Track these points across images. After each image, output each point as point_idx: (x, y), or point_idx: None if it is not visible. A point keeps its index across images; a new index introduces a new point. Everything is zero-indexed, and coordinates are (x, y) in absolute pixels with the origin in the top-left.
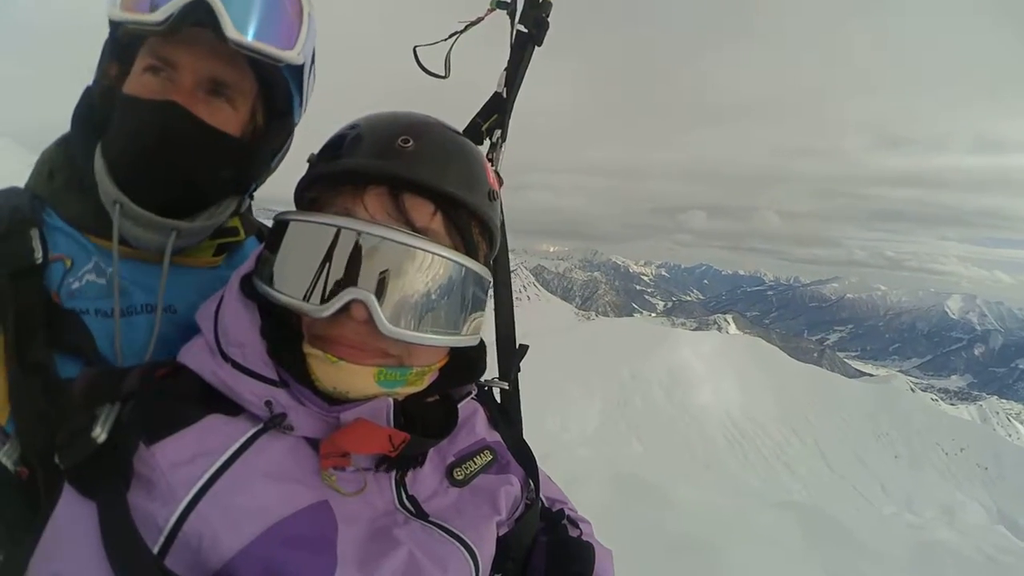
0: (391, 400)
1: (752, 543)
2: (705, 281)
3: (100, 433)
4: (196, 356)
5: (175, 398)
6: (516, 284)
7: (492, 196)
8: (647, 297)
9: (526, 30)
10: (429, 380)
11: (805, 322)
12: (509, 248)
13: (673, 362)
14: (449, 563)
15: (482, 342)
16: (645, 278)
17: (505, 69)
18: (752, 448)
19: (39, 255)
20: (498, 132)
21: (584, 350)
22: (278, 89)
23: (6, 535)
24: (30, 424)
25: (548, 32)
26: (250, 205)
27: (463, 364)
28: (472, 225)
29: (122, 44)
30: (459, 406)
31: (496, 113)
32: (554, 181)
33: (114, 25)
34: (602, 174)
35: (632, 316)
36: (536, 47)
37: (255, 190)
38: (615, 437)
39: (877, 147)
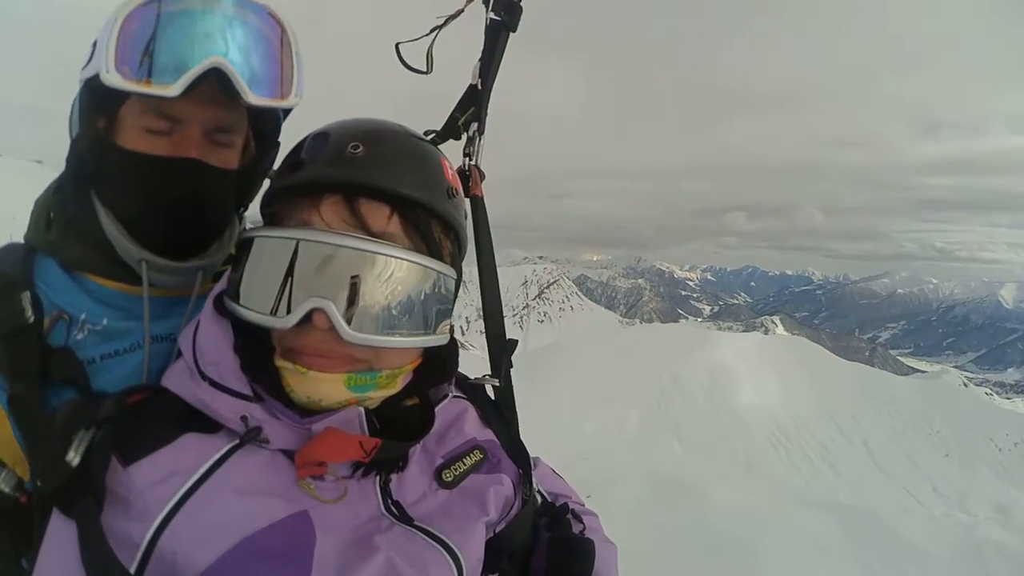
0: (362, 409)
1: (791, 543)
2: (752, 283)
3: (74, 457)
4: (176, 378)
5: (152, 420)
6: (559, 295)
7: (451, 194)
8: (693, 302)
9: (499, 18)
10: (402, 382)
11: (856, 320)
12: (551, 258)
13: (713, 364)
14: (430, 567)
15: (454, 340)
16: (690, 283)
17: (479, 60)
18: (796, 449)
19: (29, 314)
20: (475, 125)
21: (623, 355)
22: (268, 119)
23: (12, 559)
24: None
25: (522, 17)
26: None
27: (436, 364)
28: (432, 225)
29: (102, 95)
30: (445, 406)
31: (472, 106)
32: (592, 187)
33: (92, 78)
34: (640, 177)
35: (677, 322)
36: (511, 34)
37: (243, 211)
38: (655, 439)
39: (917, 134)
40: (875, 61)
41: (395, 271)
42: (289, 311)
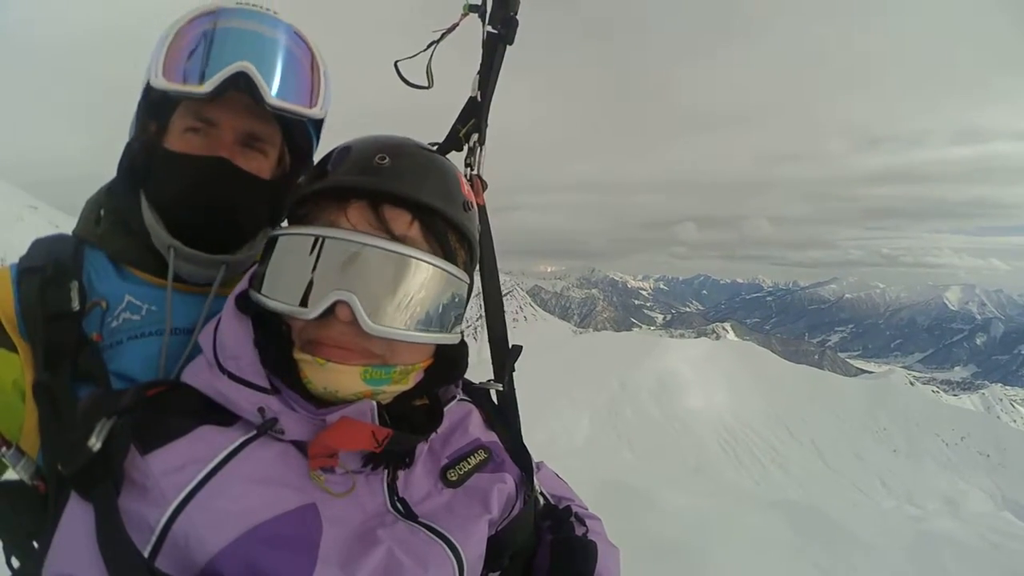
0: (375, 403)
1: (740, 543)
2: (704, 291)
3: (95, 443)
4: (196, 373)
5: (170, 412)
6: (512, 306)
7: (467, 207)
8: (646, 311)
9: (496, 31)
10: (414, 379)
11: (805, 325)
12: (505, 270)
13: (662, 370)
14: (431, 561)
15: (463, 342)
16: (643, 292)
17: (478, 72)
18: (745, 450)
19: (76, 304)
20: (475, 136)
21: (574, 363)
22: (300, 134)
23: (27, 545)
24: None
25: (518, 30)
26: None
27: (446, 364)
28: (449, 233)
29: (156, 104)
30: (451, 408)
31: (473, 118)
32: (542, 200)
33: (149, 88)
34: (589, 190)
35: (631, 330)
36: (507, 46)
37: (282, 221)
38: (605, 446)
39: (860, 147)
40: (820, 84)
41: (415, 272)
42: (312, 303)
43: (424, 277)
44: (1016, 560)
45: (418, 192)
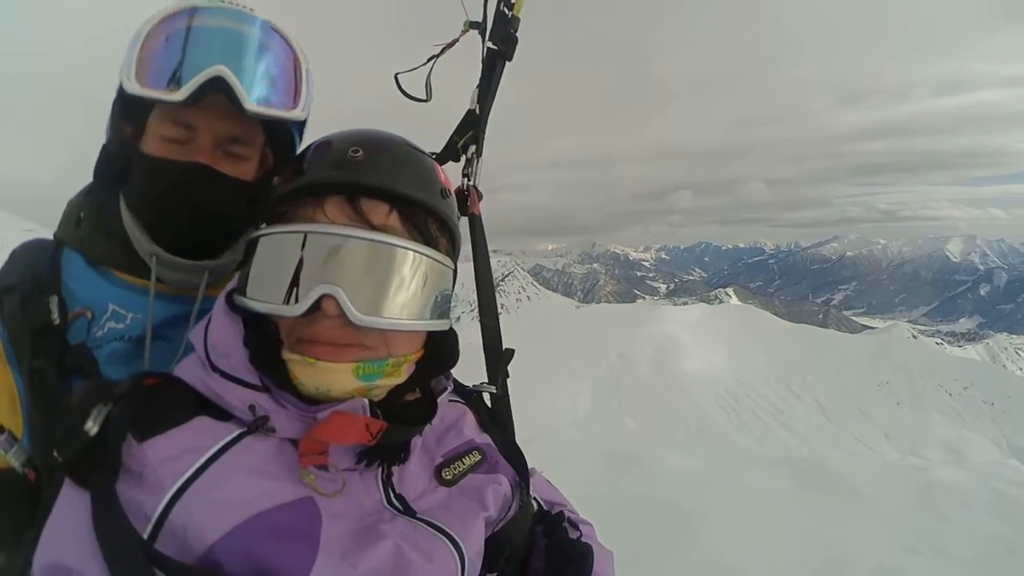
0: (366, 400)
1: (740, 499)
2: (706, 259)
3: (92, 427)
4: (188, 369)
5: (166, 403)
6: (514, 286)
7: (444, 194)
8: (649, 282)
9: (496, 47)
10: (407, 372)
11: (809, 285)
12: (504, 251)
13: (659, 337)
14: (435, 555)
15: (453, 332)
16: (645, 263)
17: (477, 86)
18: (747, 411)
19: (55, 316)
20: (473, 148)
21: (574, 336)
22: (283, 134)
23: (13, 536)
24: (40, 428)
25: (517, 47)
26: None
27: (437, 356)
28: (429, 221)
29: (131, 105)
30: (445, 408)
31: (471, 130)
32: (529, 179)
33: (123, 89)
34: (575, 166)
35: (635, 302)
36: (507, 62)
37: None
38: (607, 416)
39: (841, 104)
40: (793, 44)
41: (398, 259)
42: (299, 300)
43: (407, 264)
44: (1021, 507)
45: (393, 182)
